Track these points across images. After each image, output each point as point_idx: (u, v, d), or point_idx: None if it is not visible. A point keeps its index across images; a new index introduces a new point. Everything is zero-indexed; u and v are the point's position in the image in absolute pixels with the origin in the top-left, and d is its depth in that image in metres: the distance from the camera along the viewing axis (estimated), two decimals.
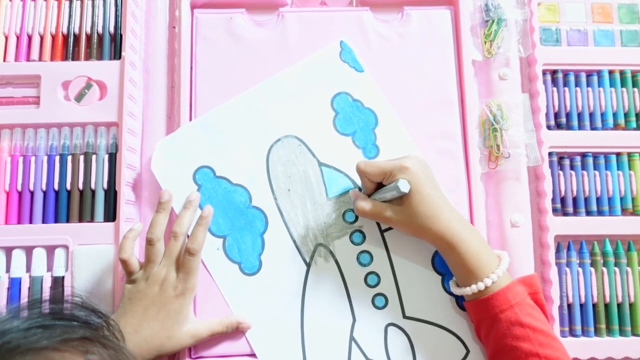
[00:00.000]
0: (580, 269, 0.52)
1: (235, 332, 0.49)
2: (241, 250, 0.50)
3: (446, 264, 0.47)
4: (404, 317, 0.49)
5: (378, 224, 0.51)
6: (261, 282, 0.50)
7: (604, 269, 0.52)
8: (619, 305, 0.52)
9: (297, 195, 0.51)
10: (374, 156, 0.52)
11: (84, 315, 0.34)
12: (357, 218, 0.51)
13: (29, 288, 0.49)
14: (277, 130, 0.53)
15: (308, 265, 0.50)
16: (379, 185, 0.48)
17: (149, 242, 0.47)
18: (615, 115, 0.55)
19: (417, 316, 0.49)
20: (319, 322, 0.49)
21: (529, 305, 0.43)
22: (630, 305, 0.52)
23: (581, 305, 0.52)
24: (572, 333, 0.51)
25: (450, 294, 0.49)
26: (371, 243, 0.51)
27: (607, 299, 0.52)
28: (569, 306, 0.52)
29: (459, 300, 0.49)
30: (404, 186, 0.43)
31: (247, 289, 0.50)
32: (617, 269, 0.52)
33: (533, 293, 0.45)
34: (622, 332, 0.51)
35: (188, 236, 0.49)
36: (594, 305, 0.52)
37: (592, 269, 0.52)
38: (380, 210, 0.46)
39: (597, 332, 0.51)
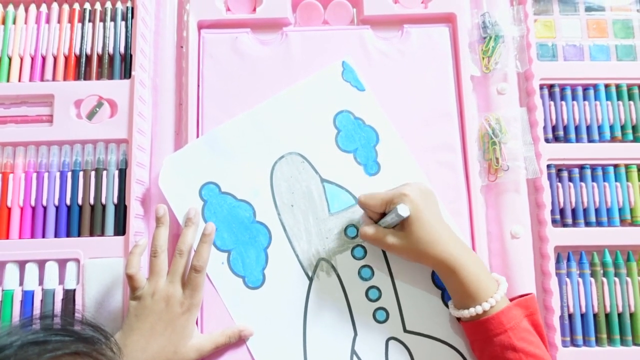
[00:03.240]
0: (580, 279, 0.53)
1: (240, 343, 0.50)
2: (245, 264, 0.52)
3: None
4: (405, 331, 0.50)
5: None
6: (265, 295, 0.51)
7: (604, 279, 0.53)
8: (619, 315, 0.52)
9: (300, 211, 0.53)
10: (375, 173, 0.54)
11: (79, 330, 0.35)
12: (358, 233, 0.52)
13: (42, 301, 0.50)
14: (281, 147, 0.54)
15: (310, 279, 0.51)
16: (384, 215, 0.49)
17: (153, 254, 0.48)
18: (612, 127, 0.57)
19: (417, 330, 0.50)
20: (321, 336, 0.50)
21: (524, 330, 0.44)
22: (631, 315, 0.52)
23: (582, 315, 0.52)
24: (574, 343, 0.52)
25: None
26: (372, 258, 0.52)
27: (608, 309, 0.52)
28: (570, 316, 0.52)
29: None
30: (403, 210, 0.44)
31: (251, 302, 0.51)
32: (617, 279, 0.53)
33: (530, 315, 0.46)
34: (623, 342, 0.52)
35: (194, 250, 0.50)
36: (595, 315, 0.52)
37: (592, 279, 0.53)
38: (382, 236, 0.47)
39: (599, 342, 0.52)
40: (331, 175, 0.53)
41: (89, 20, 0.57)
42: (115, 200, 0.53)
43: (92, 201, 0.53)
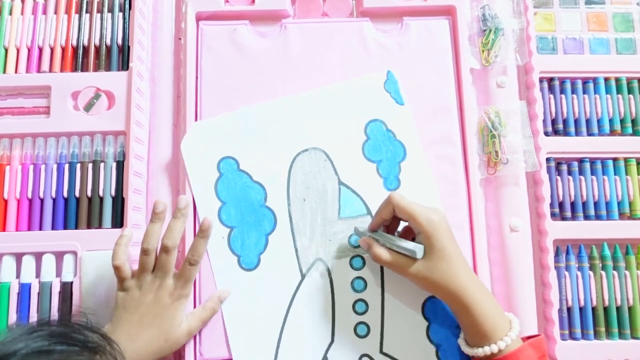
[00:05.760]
0: (579, 273, 0.53)
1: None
2: (244, 244, 0.51)
3: (437, 312, 0.49)
4: (381, 351, 0.49)
5: None
6: (255, 279, 0.50)
7: (603, 273, 0.53)
8: (618, 309, 0.52)
9: (310, 207, 0.52)
10: (394, 188, 0.53)
11: (84, 338, 0.34)
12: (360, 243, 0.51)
13: (39, 293, 0.50)
14: (308, 140, 0.53)
15: (303, 276, 0.51)
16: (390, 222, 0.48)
17: (144, 252, 0.46)
18: (611, 121, 0.56)
19: (393, 354, 0.49)
20: (298, 334, 0.49)
21: None
22: (629, 308, 0.52)
23: (580, 309, 0.52)
24: (572, 336, 0.52)
25: (433, 343, 0.49)
26: (369, 272, 0.51)
27: (606, 303, 0.52)
28: (569, 309, 0.52)
29: (440, 352, 0.49)
30: (419, 252, 0.44)
31: (240, 282, 0.50)
32: (615, 273, 0.53)
33: (541, 357, 0.45)
34: (621, 335, 0.52)
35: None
36: (593, 309, 0.52)
37: (591, 273, 0.53)
38: (399, 263, 0.46)
39: (597, 335, 0.52)
40: (350, 180, 0.53)
41: (86, 11, 0.57)
42: (113, 193, 0.52)
43: (89, 193, 0.52)
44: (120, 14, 0.57)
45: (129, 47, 0.55)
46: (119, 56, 0.56)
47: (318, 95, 0.55)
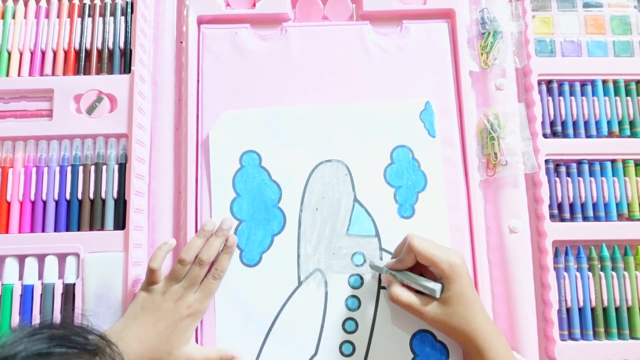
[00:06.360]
0: (578, 274, 0.53)
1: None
2: (249, 240, 0.52)
3: (424, 347, 0.49)
4: None
5: (379, 279, 0.51)
6: (252, 277, 0.51)
7: (602, 274, 0.53)
8: (617, 309, 0.53)
9: (321, 217, 0.52)
10: (407, 217, 0.52)
11: (84, 340, 0.35)
12: (363, 263, 0.52)
13: (41, 295, 0.50)
14: (332, 151, 0.54)
15: (300, 282, 0.51)
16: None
17: (181, 262, 0.48)
18: (609, 123, 0.57)
19: None
20: (283, 340, 0.50)
21: None
22: (628, 309, 0.53)
23: (580, 309, 0.53)
24: (571, 337, 0.52)
25: None
26: (365, 293, 0.51)
27: (605, 303, 0.53)
28: (568, 310, 0.53)
29: None
30: (438, 291, 0.45)
31: (237, 277, 0.51)
32: (614, 274, 0.53)
33: None
34: (620, 336, 0.52)
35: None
36: (593, 309, 0.53)
37: (590, 274, 0.53)
38: (417, 305, 0.46)
39: (596, 336, 0.52)
40: (365, 200, 0.53)
41: (89, 15, 0.57)
42: (115, 195, 0.53)
43: (91, 196, 0.53)
44: (122, 18, 0.57)
45: (130, 50, 0.56)
46: (121, 59, 0.56)
47: (352, 109, 0.55)
